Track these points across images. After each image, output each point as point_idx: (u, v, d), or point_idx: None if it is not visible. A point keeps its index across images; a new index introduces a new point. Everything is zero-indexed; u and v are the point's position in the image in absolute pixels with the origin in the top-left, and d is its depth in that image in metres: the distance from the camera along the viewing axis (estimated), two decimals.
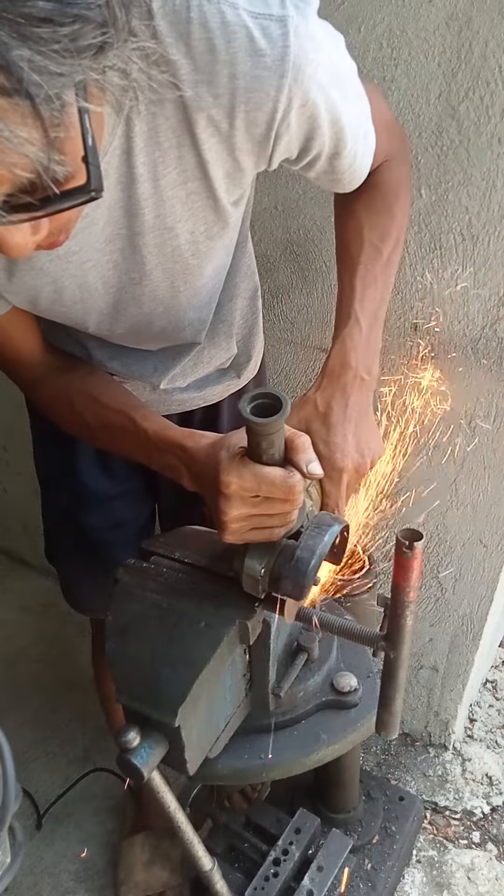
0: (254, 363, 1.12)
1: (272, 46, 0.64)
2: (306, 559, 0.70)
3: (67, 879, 1.46)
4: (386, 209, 0.90)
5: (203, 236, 0.79)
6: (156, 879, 1.38)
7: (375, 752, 1.67)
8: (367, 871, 1.31)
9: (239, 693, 0.84)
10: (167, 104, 0.67)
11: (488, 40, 0.99)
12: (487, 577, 1.40)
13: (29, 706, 1.84)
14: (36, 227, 0.54)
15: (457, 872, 1.43)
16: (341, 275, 0.90)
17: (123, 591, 0.80)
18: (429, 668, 1.58)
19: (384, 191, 0.90)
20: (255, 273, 1.06)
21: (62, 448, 1.12)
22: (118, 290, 0.83)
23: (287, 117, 0.69)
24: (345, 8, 1.07)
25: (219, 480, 0.68)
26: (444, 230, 1.14)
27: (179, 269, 0.82)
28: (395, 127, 0.90)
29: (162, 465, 0.84)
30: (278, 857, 1.19)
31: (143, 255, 0.78)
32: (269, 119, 0.69)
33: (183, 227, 0.77)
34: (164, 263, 0.80)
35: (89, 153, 0.51)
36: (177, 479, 0.82)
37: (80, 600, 1.31)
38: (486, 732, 1.71)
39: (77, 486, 1.14)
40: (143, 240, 0.77)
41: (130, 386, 1.01)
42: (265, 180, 1.27)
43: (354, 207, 0.90)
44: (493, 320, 1.16)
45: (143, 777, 0.70)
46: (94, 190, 0.52)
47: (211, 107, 0.67)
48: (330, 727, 0.93)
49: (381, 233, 0.89)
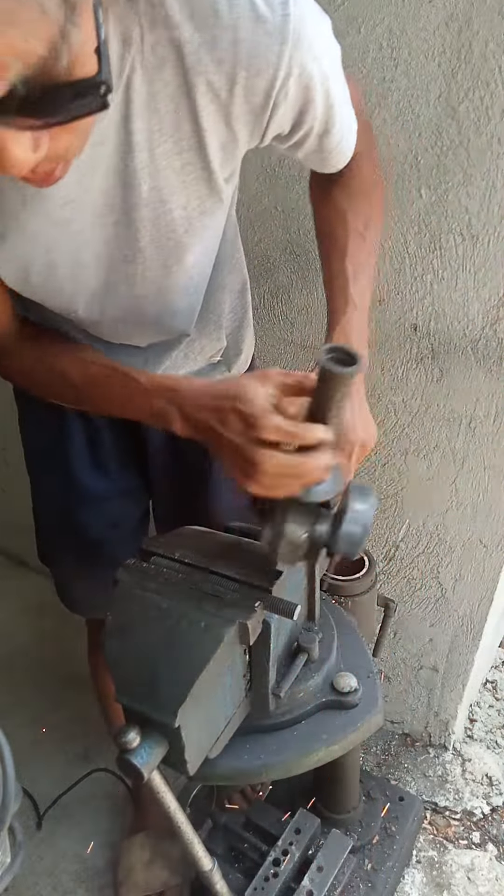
0: (244, 357, 1.13)
1: (273, 13, 0.66)
2: (360, 524, 0.71)
3: (67, 879, 1.46)
4: (365, 196, 0.92)
5: (196, 211, 0.79)
6: (156, 879, 1.38)
7: (375, 753, 1.67)
8: (367, 871, 1.31)
9: (239, 693, 0.84)
10: (167, 69, 0.67)
11: (488, 41, 0.99)
12: (487, 577, 1.40)
13: (29, 706, 1.84)
14: (37, 143, 0.52)
15: (457, 873, 1.43)
16: (329, 261, 0.91)
17: (123, 591, 0.80)
18: (429, 668, 1.58)
19: (361, 178, 0.92)
20: (243, 267, 1.07)
21: (55, 448, 1.11)
22: (110, 268, 0.81)
23: (286, 85, 0.70)
24: (345, 8, 1.07)
25: (257, 426, 0.68)
26: (444, 230, 1.14)
27: (172, 247, 0.81)
28: (364, 116, 0.92)
29: (153, 413, 0.83)
30: (278, 857, 1.19)
31: (138, 229, 0.77)
32: (269, 87, 0.69)
33: (177, 200, 0.76)
34: (158, 240, 0.79)
35: (101, 46, 0.50)
36: (167, 425, 0.80)
37: (76, 601, 1.30)
38: (486, 733, 1.71)
39: (72, 485, 1.13)
40: (139, 213, 0.76)
41: None
42: (265, 181, 1.28)
43: (335, 195, 0.92)
44: (493, 321, 1.16)
45: (143, 777, 0.70)
46: (105, 84, 0.50)
47: (212, 72, 0.67)
48: (330, 727, 0.93)
49: (365, 220, 0.91)
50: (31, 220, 0.73)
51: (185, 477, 1.18)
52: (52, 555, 1.26)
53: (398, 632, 1.57)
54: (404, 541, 1.46)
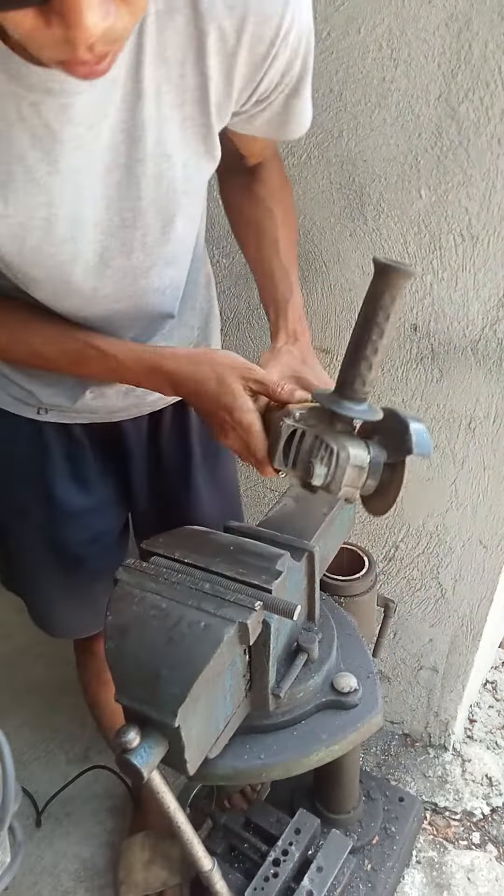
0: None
1: None
2: (419, 420, 0.72)
3: (67, 879, 1.46)
4: (283, 192, 1.00)
5: (194, 169, 0.79)
6: (155, 879, 1.38)
7: (375, 753, 1.67)
8: (366, 871, 1.31)
9: (239, 693, 0.84)
10: (178, 17, 0.68)
11: (488, 41, 0.99)
12: (487, 577, 1.40)
13: (29, 706, 1.84)
14: (106, 10, 0.51)
15: (457, 873, 1.43)
16: (263, 252, 0.98)
17: (123, 592, 0.80)
18: (429, 668, 1.58)
19: (277, 177, 1.00)
20: (208, 262, 1.09)
21: (28, 460, 1.07)
22: (108, 234, 0.79)
23: (287, 36, 0.73)
24: (345, 9, 1.08)
25: (252, 448, 0.81)
26: (444, 231, 1.14)
27: (173, 209, 0.80)
28: None
29: (139, 383, 0.86)
30: (278, 857, 1.19)
31: (141, 188, 0.76)
32: (274, 35, 0.71)
33: (179, 156, 0.76)
34: (159, 200, 0.78)
35: None
36: (157, 391, 0.86)
37: (57, 623, 1.24)
38: (485, 733, 1.71)
39: (48, 500, 1.09)
40: (143, 168, 0.75)
41: (108, 386, 0.99)
42: None
43: (257, 191, 0.98)
44: (493, 321, 1.16)
45: (142, 777, 0.70)
46: None
47: (224, 17, 0.68)
48: (330, 728, 0.93)
49: (285, 213, 1.00)
50: (39, 165, 0.70)
51: (166, 486, 1.17)
52: (23, 577, 1.20)
53: (398, 632, 1.57)
54: (404, 541, 1.46)
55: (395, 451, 0.74)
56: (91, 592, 1.19)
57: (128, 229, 0.79)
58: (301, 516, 0.99)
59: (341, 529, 1.07)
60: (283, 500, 1.04)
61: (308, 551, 0.92)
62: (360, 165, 1.17)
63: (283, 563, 0.84)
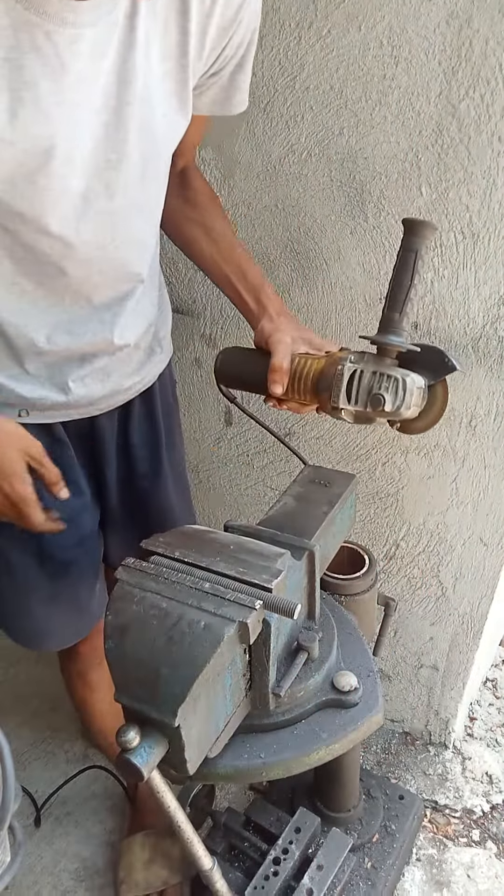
0: (167, 341, 1.18)
1: None
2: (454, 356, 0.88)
3: (67, 878, 1.46)
4: (219, 203, 1.12)
5: (171, 122, 0.86)
6: (155, 878, 1.38)
7: (375, 751, 1.67)
8: (367, 869, 1.31)
9: (239, 693, 0.84)
10: None
11: (488, 38, 0.99)
12: (488, 575, 1.40)
13: (29, 706, 1.84)
14: None
15: (457, 871, 1.43)
16: (221, 246, 1.07)
17: (123, 591, 0.79)
18: (429, 666, 1.58)
19: (205, 184, 1.11)
20: (160, 272, 1.14)
21: None
22: (94, 174, 0.82)
23: (250, 5, 0.83)
24: (345, 6, 1.07)
25: (24, 515, 0.91)
26: (445, 228, 1.14)
27: (153, 156, 0.87)
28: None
29: None
30: (278, 856, 1.19)
31: (128, 129, 0.81)
32: (241, 1, 0.82)
33: (160, 107, 0.83)
34: (141, 145, 0.83)
35: None
36: None
37: (45, 636, 1.20)
38: (486, 731, 1.71)
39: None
40: (130, 111, 0.80)
41: (86, 356, 1.00)
42: (265, 179, 1.27)
43: (193, 197, 1.08)
44: (494, 319, 1.16)
45: (142, 777, 0.70)
46: None
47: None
48: (330, 726, 0.93)
49: (224, 217, 1.11)
50: (47, 95, 0.73)
51: (136, 476, 1.19)
52: (6, 599, 1.14)
53: (398, 630, 1.57)
54: (405, 539, 1.46)
55: (434, 374, 0.89)
56: (77, 597, 1.18)
57: (111, 171, 0.83)
58: (301, 515, 0.99)
59: (342, 528, 1.07)
60: (284, 499, 1.04)
61: (308, 550, 0.92)
62: (361, 163, 1.17)
63: (284, 561, 0.84)
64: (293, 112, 1.20)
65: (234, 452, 1.62)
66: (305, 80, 1.16)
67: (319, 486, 1.06)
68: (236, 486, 1.67)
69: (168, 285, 1.52)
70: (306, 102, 1.18)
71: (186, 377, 1.60)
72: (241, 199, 1.33)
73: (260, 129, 1.24)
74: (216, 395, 1.57)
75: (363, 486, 1.44)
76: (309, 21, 1.12)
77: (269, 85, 1.20)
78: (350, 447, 1.43)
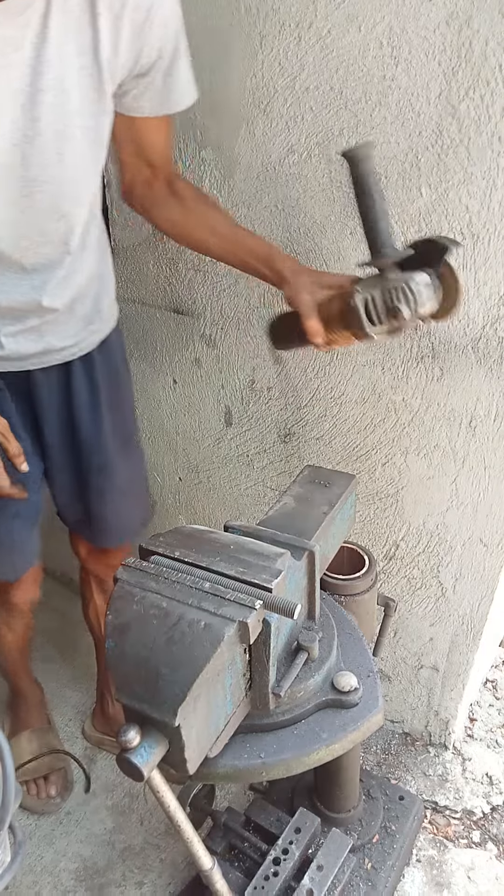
0: (109, 313, 1.26)
1: None
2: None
3: (67, 878, 1.46)
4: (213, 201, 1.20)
5: (90, 107, 0.96)
6: (43, 765, 1.59)
7: (375, 752, 1.67)
8: (367, 870, 1.31)
9: (239, 693, 0.84)
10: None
11: (488, 39, 0.99)
12: (488, 576, 1.40)
13: None
14: None
15: (457, 872, 1.43)
16: (236, 237, 1.13)
17: (123, 591, 0.80)
18: (429, 667, 1.58)
19: (196, 189, 1.18)
20: (107, 243, 1.23)
21: None
22: (12, 144, 0.92)
23: (159, 8, 0.93)
24: (345, 7, 1.07)
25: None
26: (445, 229, 1.14)
27: (68, 135, 0.96)
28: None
29: None
30: (278, 856, 1.19)
31: (41, 112, 0.92)
32: (149, 5, 0.92)
33: (75, 93, 0.93)
34: (55, 124, 0.94)
35: None
36: None
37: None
38: (486, 732, 1.71)
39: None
40: (43, 97, 0.91)
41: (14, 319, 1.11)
42: (265, 179, 1.27)
43: (185, 197, 1.15)
44: (494, 319, 1.16)
45: (142, 776, 0.70)
46: None
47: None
48: (330, 727, 0.93)
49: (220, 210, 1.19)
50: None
51: (78, 436, 1.27)
52: None
53: (398, 631, 1.57)
54: (404, 540, 1.46)
55: (437, 262, 0.93)
56: (11, 532, 1.27)
57: (27, 144, 0.94)
58: (301, 515, 0.99)
59: (341, 528, 1.07)
60: (284, 500, 1.04)
61: (308, 550, 0.92)
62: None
63: (284, 561, 0.84)
64: (293, 112, 1.20)
65: (234, 452, 1.62)
66: (305, 80, 1.16)
67: (319, 486, 1.06)
68: (236, 486, 1.67)
69: (168, 285, 1.52)
70: (306, 103, 1.18)
71: (186, 377, 1.60)
72: (241, 200, 1.33)
73: (260, 130, 1.24)
74: (216, 395, 1.57)
75: (363, 486, 1.44)
76: (309, 21, 1.12)
77: (269, 85, 1.20)
78: (350, 447, 1.43)
